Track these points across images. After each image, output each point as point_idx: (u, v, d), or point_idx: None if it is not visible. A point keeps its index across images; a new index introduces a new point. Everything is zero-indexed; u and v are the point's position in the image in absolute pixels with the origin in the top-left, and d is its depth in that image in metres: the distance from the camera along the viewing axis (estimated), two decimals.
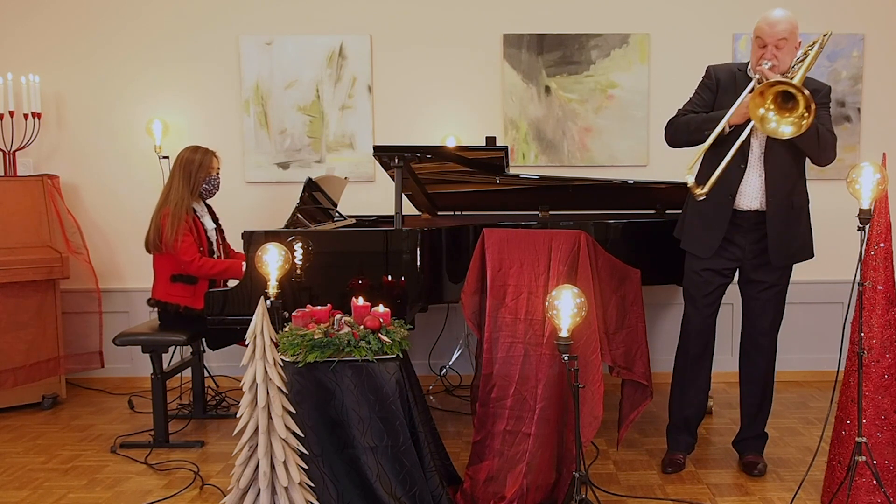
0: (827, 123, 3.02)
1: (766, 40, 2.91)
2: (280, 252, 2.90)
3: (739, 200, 3.05)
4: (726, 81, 3.10)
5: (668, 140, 3.21)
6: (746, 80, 3.05)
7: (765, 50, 2.91)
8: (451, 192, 4.15)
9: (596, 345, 2.86)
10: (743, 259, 3.11)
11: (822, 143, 2.93)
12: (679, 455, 3.29)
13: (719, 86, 3.12)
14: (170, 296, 3.74)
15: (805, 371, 4.65)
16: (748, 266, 3.12)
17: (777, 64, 2.90)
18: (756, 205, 3.04)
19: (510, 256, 2.96)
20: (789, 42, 2.90)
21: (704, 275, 3.14)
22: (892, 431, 2.74)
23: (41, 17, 4.56)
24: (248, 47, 4.56)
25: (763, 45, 2.92)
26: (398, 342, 2.71)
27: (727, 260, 3.11)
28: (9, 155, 4.37)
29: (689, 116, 3.13)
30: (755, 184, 3.03)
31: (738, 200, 3.05)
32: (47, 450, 3.62)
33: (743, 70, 3.11)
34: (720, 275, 3.14)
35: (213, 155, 3.84)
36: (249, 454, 2.42)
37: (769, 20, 2.90)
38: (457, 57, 4.58)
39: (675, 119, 3.19)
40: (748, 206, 3.05)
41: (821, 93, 3.03)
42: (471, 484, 2.87)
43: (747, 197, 3.04)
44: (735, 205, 3.05)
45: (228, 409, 4.13)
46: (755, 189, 3.03)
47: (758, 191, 3.03)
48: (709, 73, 3.19)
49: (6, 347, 4.07)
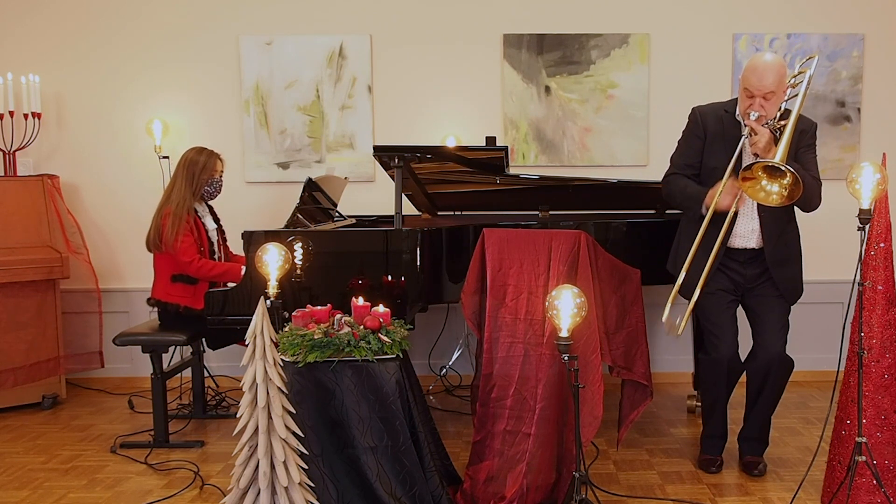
0: (813, 170, 3.03)
1: (753, 92, 2.91)
2: (280, 252, 2.90)
3: (733, 241, 3.10)
4: (714, 129, 3.11)
5: (665, 198, 3.26)
6: (734, 126, 3.07)
7: (752, 100, 2.92)
8: (451, 192, 4.15)
9: (596, 345, 2.86)
10: (745, 284, 3.14)
11: (807, 193, 2.89)
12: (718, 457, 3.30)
13: (707, 131, 3.13)
14: (170, 295, 3.74)
15: (805, 371, 4.63)
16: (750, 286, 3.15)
17: (765, 114, 2.92)
18: (752, 244, 3.09)
19: (510, 256, 2.96)
20: (777, 93, 2.91)
21: (717, 294, 3.14)
22: (892, 431, 2.74)
23: (41, 17, 4.56)
24: (248, 47, 4.56)
25: (751, 96, 2.93)
26: (398, 342, 2.71)
27: (731, 281, 3.14)
28: (9, 155, 4.38)
29: (677, 187, 3.16)
30: (750, 227, 3.08)
31: (731, 241, 3.09)
32: (47, 450, 3.62)
33: (730, 112, 3.10)
34: (729, 292, 3.16)
35: (217, 157, 3.83)
36: (249, 454, 2.42)
37: (757, 71, 2.89)
38: (457, 57, 4.58)
39: (669, 178, 3.22)
40: (743, 246, 3.10)
41: (808, 133, 3.05)
42: (471, 484, 2.87)
43: (742, 238, 3.09)
44: (729, 244, 3.09)
45: (228, 409, 4.13)
46: (751, 231, 3.08)
47: (754, 233, 3.08)
48: (695, 118, 3.18)
49: (6, 347, 4.07)
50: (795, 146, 2.98)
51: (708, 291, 3.13)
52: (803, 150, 3.02)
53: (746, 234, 3.09)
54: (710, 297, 3.14)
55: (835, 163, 4.55)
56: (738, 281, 3.14)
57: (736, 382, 3.25)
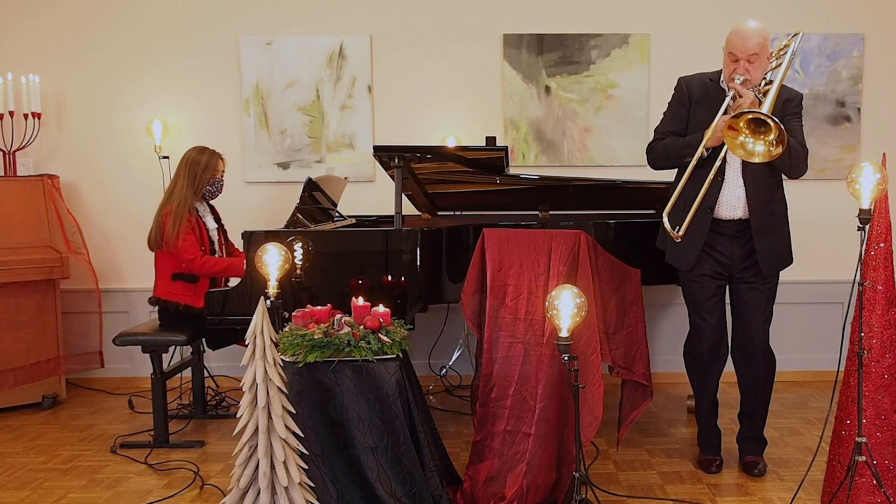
0: (799, 136, 3.03)
1: (737, 55, 2.92)
2: (280, 252, 2.90)
3: (720, 210, 3.08)
4: (699, 94, 3.12)
5: (651, 164, 3.25)
6: (718, 91, 3.07)
7: (737, 65, 2.93)
8: (451, 192, 4.15)
9: (596, 345, 2.86)
10: (731, 264, 3.12)
11: (793, 159, 2.95)
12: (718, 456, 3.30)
13: (692, 99, 3.13)
14: (170, 294, 3.74)
15: (805, 371, 4.65)
16: (737, 269, 3.13)
17: (749, 78, 2.92)
18: (738, 214, 3.07)
19: (510, 256, 2.96)
20: (761, 56, 2.93)
21: (701, 280, 3.15)
22: (892, 431, 2.74)
23: (41, 17, 4.56)
24: (248, 47, 4.56)
25: (735, 60, 2.94)
26: (398, 342, 2.71)
27: (718, 264, 3.13)
28: (9, 155, 4.37)
29: (667, 142, 3.16)
30: (735, 194, 3.06)
31: (717, 211, 3.08)
32: (47, 450, 3.62)
33: (715, 80, 3.11)
34: (714, 277, 3.15)
35: (219, 157, 3.84)
36: (249, 454, 2.42)
37: (741, 34, 2.92)
38: (457, 57, 4.58)
39: (653, 144, 3.22)
40: (729, 216, 3.08)
41: (793, 102, 3.05)
42: (471, 484, 2.87)
43: (728, 207, 3.07)
44: (715, 214, 3.08)
45: (228, 409, 4.13)
46: (736, 199, 3.06)
47: (739, 201, 3.06)
48: (680, 86, 3.20)
49: (6, 347, 4.07)
50: (780, 114, 2.96)
51: (692, 278, 3.15)
52: (789, 117, 3.01)
53: (732, 203, 3.05)
54: (695, 284, 3.16)
55: (835, 163, 4.55)
56: (724, 262, 3.11)
57: (718, 373, 3.25)
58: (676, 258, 3.18)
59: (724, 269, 3.14)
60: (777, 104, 2.89)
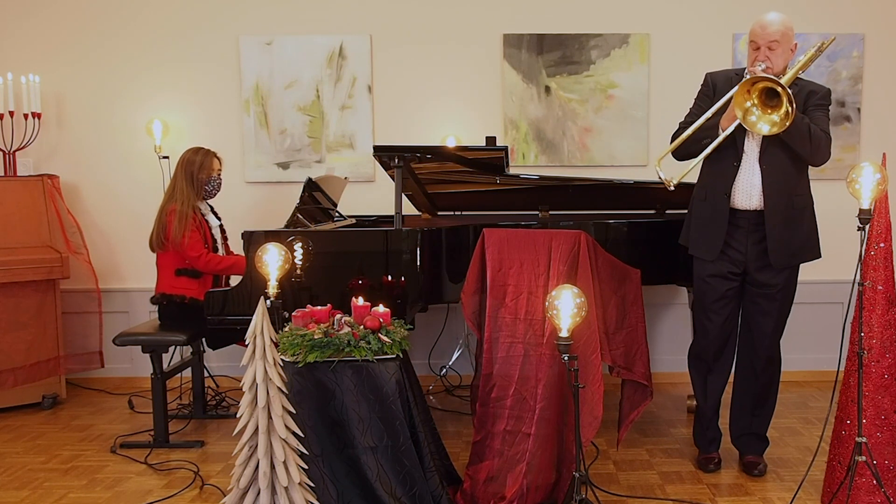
0: (822, 124, 3.02)
1: (758, 42, 2.95)
2: (280, 252, 2.90)
3: (735, 199, 3.04)
4: (723, 87, 3.12)
5: (678, 150, 3.17)
6: None
7: (758, 52, 2.96)
8: (451, 192, 4.14)
9: (596, 345, 2.86)
10: (746, 262, 3.09)
11: (813, 143, 2.94)
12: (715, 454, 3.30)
13: (716, 91, 3.13)
14: (175, 288, 3.74)
15: (805, 371, 4.65)
16: (752, 268, 3.09)
17: (770, 66, 2.93)
18: (754, 204, 3.03)
19: (510, 256, 2.96)
20: (782, 44, 2.94)
21: (711, 281, 3.13)
22: (892, 431, 2.74)
23: (41, 17, 4.56)
24: (248, 47, 4.56)
25: (756, 48, 2.96)
26: (398, 342, 2.71)
27: (730, 263, 3.10)
28: (9, 155, 4.38)
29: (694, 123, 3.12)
30: (751, 182, 3.02)
31: (733, 199, 3.04)
32: (47, 450, 3.62)
33: (740, 75, 3.11)
34: (727, 279, 3.12)
35: (213, 156, 3.85)
36: (249, 454, 2.42)
37: (762, 22, 2.96)
38: (457, 57, 4.58)
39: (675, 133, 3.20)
40: (745, 206, 3.04)
41: (818, 94, 3.05)
42: (471, 484, 2.87)
43: (743, 195, 3.03)
44: (732, 203, 3.05)
45: (228, 409, 4.13)
46: (751, 187, 3.02)
47: (755, 189, 3.02)
48: (706, 80, 3.21)
49: (6, 347, 4.07)
50: (804, 105, 2.99)
51: (704, 278, 3.14)
52: (812, 108, 3.01)
53: (747, 190, 3.02)
54: (705, 285, 3.15)
55: (835, 163, 4.53)
56: (737, 259, 3.08)
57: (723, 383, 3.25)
58: (700, 248, 3.14)
59: (738, 267, 3.10)
60: (801, 96, 2.95)
